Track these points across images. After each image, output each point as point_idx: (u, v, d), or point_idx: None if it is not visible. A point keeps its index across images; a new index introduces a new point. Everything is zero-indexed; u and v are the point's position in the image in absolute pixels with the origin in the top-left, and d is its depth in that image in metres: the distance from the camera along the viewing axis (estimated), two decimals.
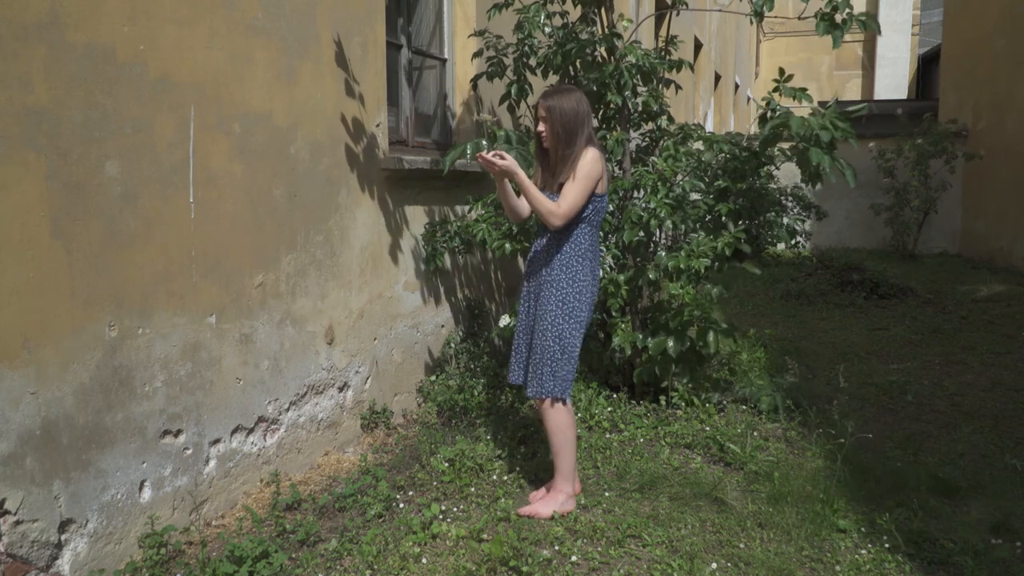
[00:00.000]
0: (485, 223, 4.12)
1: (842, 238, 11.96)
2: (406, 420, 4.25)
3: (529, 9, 4.10)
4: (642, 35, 8.97)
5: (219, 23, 2.92)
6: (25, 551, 2.28)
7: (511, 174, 2.91)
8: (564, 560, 2.71)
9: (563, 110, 2.95)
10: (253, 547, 2.62)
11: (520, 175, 2.90)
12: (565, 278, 3.01)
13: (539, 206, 2.93)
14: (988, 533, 2.88)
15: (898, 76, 20.64)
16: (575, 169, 2.94)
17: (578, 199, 2.93)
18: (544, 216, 2.94)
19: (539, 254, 3.11)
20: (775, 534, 2.88)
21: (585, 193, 2.94)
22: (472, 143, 3.50)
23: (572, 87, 3.10)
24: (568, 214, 2.93)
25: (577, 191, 2.93)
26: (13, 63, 2.20)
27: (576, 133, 2.97)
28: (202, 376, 2.93)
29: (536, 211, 2.97)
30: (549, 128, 2.99)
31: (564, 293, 3.01)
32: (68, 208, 2.37)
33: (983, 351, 5.69)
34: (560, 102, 2.97)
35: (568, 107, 2.96)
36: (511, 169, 2.89)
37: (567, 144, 2.96)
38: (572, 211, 2.93)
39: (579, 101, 3.00)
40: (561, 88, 3.05)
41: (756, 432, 3.92)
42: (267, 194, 3.22)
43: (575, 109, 2.97)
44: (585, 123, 3.00)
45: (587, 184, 2.94)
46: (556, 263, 3.03)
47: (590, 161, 2.94)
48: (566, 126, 2.95)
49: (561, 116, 2.95)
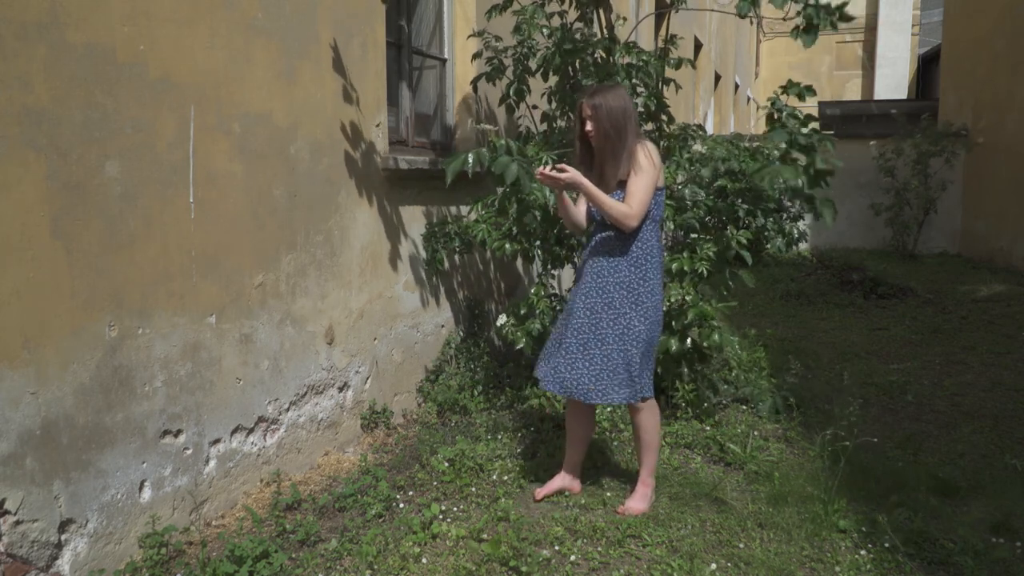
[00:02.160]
0: (485, 223, 4.12)
1: (842, 238, 11.96)
2: (406, 420, 4.25)
3: (527, 10, 4.10)
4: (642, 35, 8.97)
5: (219, 23, 2.92)
6: (25, 551, 2.28)
7: (576, 185, 2.82)
8: (564, 560, 2.71)
9: (610, 107, 2.87)
10: (253, 547, 2.62)
11: (586, 184, 2.82)
12: (636, 278, 2.93)
13: (612, 211, 2.84)
14: (988, 533, 2.88)
15: (898, 76, 20.64)
16: (634, 164, 2.86)
17: (647, 194, 2.86)
18: (619, 220, 2.85)
19: (600, 256, 2.99)
20: (775, 534, 2.88)
21: (651, 187, 2.87)
22: (473, 152, 3.46)
23: (615, 83, 3.02)
24: (641, 212, 2.86)
25: (643, 186, 2.85)
26: (13, 63, 2.20)
27: (626, 129, 2.89)
28: (202, 376, 2.93)
29: (609, 217, 2.87)
30: (596, 127, 2.90)
31: (637, 294, 2.93)
32: (68, 208, 2.37)
33: (983, 351, 5.68)
34: (606, 99, 2.88)
35: (615, 104, 2.88)
36: (576, 180, 2.80)
37: (618, 141, 2.88)
38: (644, 208, 2.86)
39: (624, 97, 2.93)
40: (604, 86, 2.98)
41: (756, 432, 3.92)
42: (267, 194, 3.22)
43: (622, 105, 2.90)
44: (633, 118, 2.93)
45: (651, 177, 2.86)
46: (624, 264, 2.94)
47: (650, 153, 2.89)
48: (615, 123, 2.88)
49: (609, 113, 2.87)
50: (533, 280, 5.72)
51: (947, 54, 12.35)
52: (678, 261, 3.84)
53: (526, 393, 4.37)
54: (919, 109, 11.69)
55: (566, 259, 4.42)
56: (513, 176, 3.31)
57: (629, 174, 2.88)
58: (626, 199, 2.88)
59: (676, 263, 3.85)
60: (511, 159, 3.34)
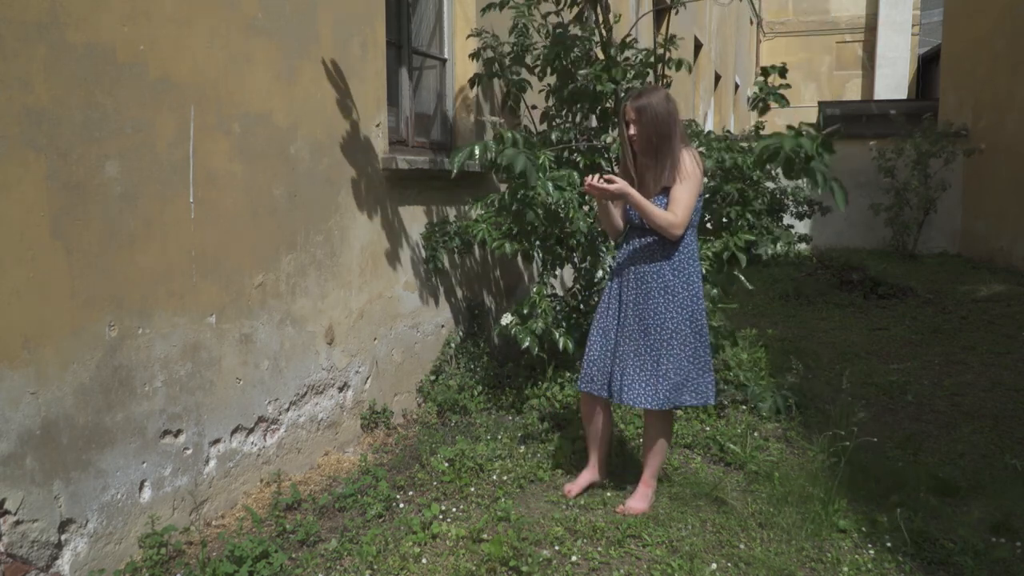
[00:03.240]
0: (485, 223, 4.11)
1: (842, 238, 11.96)
2: (406, 420, 4.25)
3: (522, 7, 4.10)
4: (641, 35, 8.97)
5: (219, 23, 2.92)
6: (25, 551, 2.28)
7: (624, 196, 2.80)
8: (564, 560, 2.71)
9: (655, 111, 2.83)
10: (253, 547, 2.62)
11: (634, 195, 2.80)
12: (679, 283, 2.92)
13: (659, 220, 2.82)
14: (988, 533, 2.88)
15: (898, 76, 20.63)
16: (678, 172, 2.84)
17: (691, 203, 2.84)
18: (666, 229, 2.83)
19: (643, 262, 2.95)
20: (775, 534, 2.88)
21: (696, 194, 2.86)
22: (480, 144, 3.45)
23: (658, 87, 2.96)
24: (686, 221, 2.84)
25: (689, 195, 2.83)
26: (13, 63, 2.20)
27: (671, 135, 2.85)
28: (202, 376, 2.93)
29: (655, 226, 2.84)
30: (640, 131, 2.86)
31: (681, 299, 2.92)
32: (68, 208, 2.37)
33: (983, 351, 5.68)
34: (650, 101, 2.84)
35: (660, 108, 2.84)
36: (624, 191, 2.78)
37: (663, 146, 2.84)
38: (689, 215, 2.84)
39: (669, 99, 2.89)
40: (648, 88, 2.93)
41: (756, 432, 3.92)
42: (267, 194, 3.22)
43: (667, 109, 2.85)
44: (678, 122, 2.89)
45: (695, 186, 2.85)
46: (667, 269, 2.92)
47: (693, 161, 2.86)
48: (659, 127, 2.84)
49: (655, 118, 2.83)
50: (533, 279, 5.72)
51: (947, 54, 12.35)
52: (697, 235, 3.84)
53: (526, 393, 4.37)
54: (919, 109, 11.70)
55: (566, 259, 4.42)
56: (521, 167, 3.31)
57: (673, 180, 2.85)
58: (671, 207, 2.85)
59: None
60: (518, 151, 3.34)
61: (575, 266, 4.61)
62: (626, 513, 3.03)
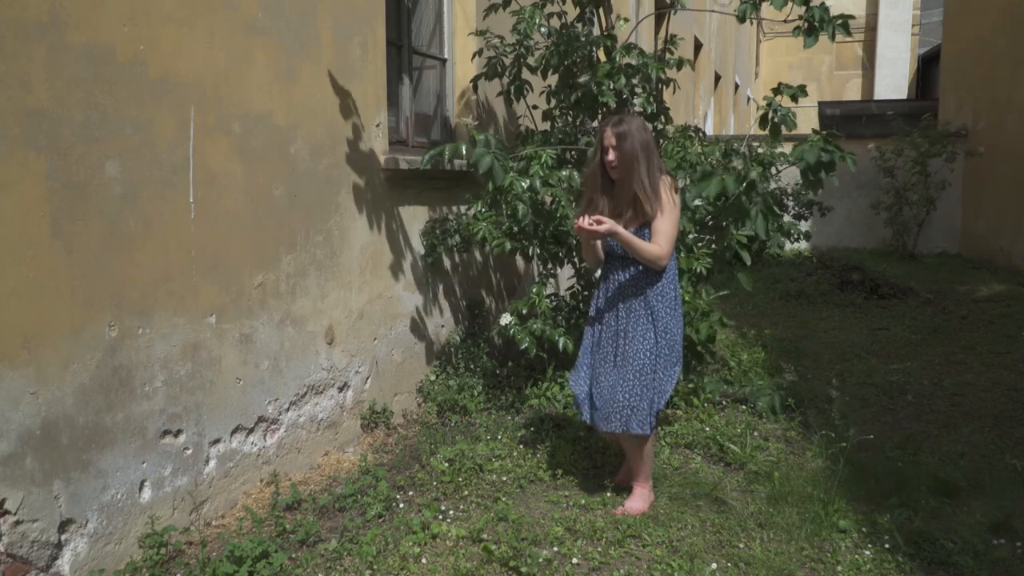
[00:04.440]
0: (485, 221, 4.11)
1: (842, 238, 11.96)
2: (406, 420, 4.25)
3: (525, 11, 4.10)
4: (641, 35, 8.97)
5: (219, 23, 2.92)
6: (25, 551, 2.28)
7: (614, 234, 2.85)
8: (564, 560, 2.71)
9: (636, 139, 2.87)
10: (253, 547, 2.62)
11: (622, 233, 2.84)
12: (663, 307, 2.98)
13: (646, 254, 2.88)
14: (988, 533, 2.88)
15: (898, 76, 20.64)
16: (660, 203, 2.89)
17: (674, 234, 2.92)
18: (652, 262, 2.90)
19: (626, 290, 3.01)
20: (775, 534, 2.88)
21: (676, 226, 2.94)
22: (451, 145, 3.65)
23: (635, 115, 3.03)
24: (670, 251, 2.92)
25: (671, 227, 2.91)
26: (13, 63, 2.20)
27: (653, 162, 2.91)
28: (202, 376, 2.93)
29: (643, 260, 2.90)
30: (620, 157, 2.89)
31: (664, 323, 2.98)
32: (68, 208, 2.37)
33: (983, 351, 5.68)
34: (630, 128, 2.89)
35: (640, 135, 2.89)
36: (613, 230, 2.83)
37: (643, 175, 2.88)
38: (672, 246, 2.92)
39: (646, 128, 2.95)
40: (626, 116, 2.99)
41: (756, 432, 3.92)
42: (267, 194, 3.22)
43: (645, 137, 2.90)
44: (656, 150, 2.96)
45: (676, 216, 2.93)
46: (652, 295, 2.97)
47: (670, 190, 2.92)
48: (638, 156, 2.87)
49: (634, 146, 2.87)
50: (533, 279, 5.72)
51: (947, 54, 12.34)
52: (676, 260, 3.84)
53: (526, 393, 4.37)
54: (919, 109, 11.68)
55: (565, 258, 4.42)
56: (486, 166, 3.56)
57: (655, 212, 2.89)
58: (655, 239, 2.90)
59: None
60: (486, 151, 3.58)
61: (575, 266, 4.61)
62: (625, 514, 3.03)
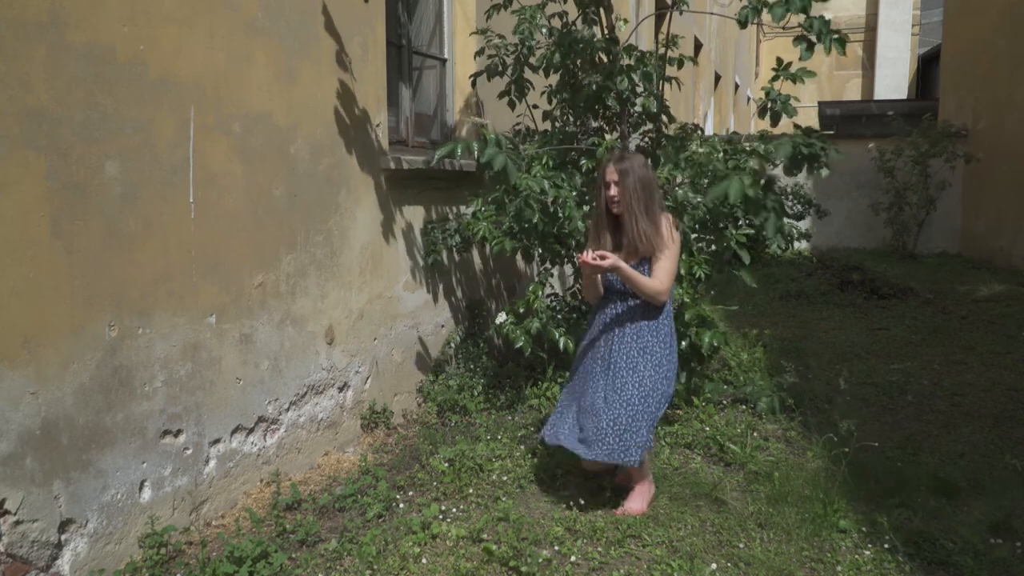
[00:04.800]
0: (485, 221, 4.10)
1: (842, 238, 11.96)
2: (406, 420, 4.25)
3: (527, 11, 4.10)
4: (642, 35, 8.97)
5: (219, 23, 2.92)
6: (25, 551, 2.28)
7: (616, 270, 2.88)
8: (564, 560, 2.71)
9: (638, 175, 2.92)
10: (253, 547, 2.62)
11: (624, 268, 2.88)
12: (657, 342, 3.02)
13: (647, 290, 2.92)
14: (988, 533, 2.88)
15: (898, 76, 20.64)
16: (661, 239, 2.94)
17: (674, 271, 2.98)
18: (653, 298, 2.95)
19: (624, 324, 3.04)
20: (775, 534, 2.88)
21: (676, 263, 2.99)
22: (463, 143, 3.57)
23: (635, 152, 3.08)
24: (670, 288, 2.97)
25: (671, 264, 2.96)
26: (13, 63, 2.20)
27: (654, 199, 2.96)
28: (202, 376, 2.93)
29: (644, 295, 2.95)
30: (622, 193, 2.93)
31: (658, 358, 3.01)
32: (68, 208, 2.37)
33: (983, 351, 5.68)
34: (632, 165, 2.94)
35: (642, 172, 2.94)
36: (616, 265, 2.86)
37: (644, 211, 2.93)
38: (672, 284, 2.97)
39: (647, 165, 3.00)
40: (627, 153, 3.05)
41: (756, 432, 3.92)
42: (267, 194, 3.22)
43: (647, 174, 2.95)
44: (657, 187, 3.01)
45: (676, 254, 2.99)
46: (647, 330, 3.02)
47: (671, 228, 2.97)
48: (640, 192, 2.92)
49: (639, 181, 2.92)
50: (533, 279, 5.72)
51: (947, 54, 12.34)
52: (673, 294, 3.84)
53: (526, 393, 4.37)
54: (919, 109, 11.68)
55: (566, 257, 4.42)
56: (500, 165, 3.45)
57: (655, 249, 2.94)
58: (655, 275, 2.95)
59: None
60: (499, 150, 3.47)
61: (575, 265, 4.61)
62: (625, 514, 3.03)
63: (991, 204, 10.29)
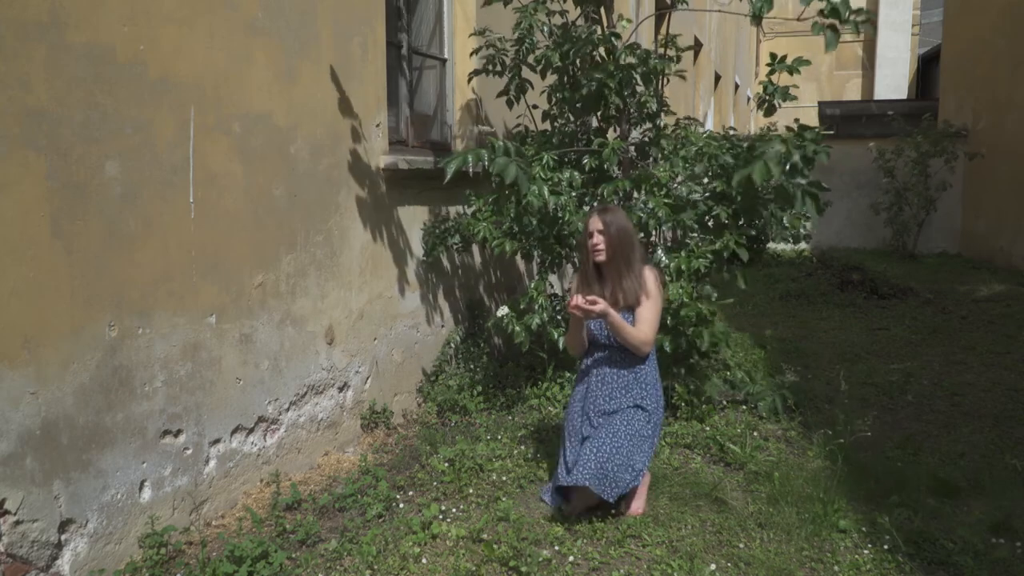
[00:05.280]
0: (486, 221, 4.10)
1: (842, 238, 11.96)
2: (406, 420, 4.25)
3: (528, 8, 4.10)
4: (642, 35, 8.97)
5: (219, 23, 2.92)
6: (25, 551, 2.28)
7: (605, 316, 2.91)
8: (564, 560, 2.71)
9: (621, 226, 2.99)
10: (253, 547, 2.62)
11: (613, 315, 2.91)
12: (643, 392, 3.04)
13: (632, 339, 2.95)
14: (988, 533, 2.88)
15: (898, 76, 20.64)
16: (644, 290, 2.98)
17: (657, 321, 3.00)
18: (638, 348, 2.97)
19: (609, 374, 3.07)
20: (775, 534, 2.88)
21: (659, 313, 3.02)
22: (473, 152, 3.47)
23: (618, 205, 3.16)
24: (654, 337, 3.00)
25: (654, 314, 2.99)
26: (13, 63, 2.20)
27: (635, 249, 3.01)
28: (202, 376, 2.93)
29: (628, 344, 2.97)
30: (607, 242, 2.98)
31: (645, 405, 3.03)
32: (68, 208, 2.37)
33: (983, 351, 5.68)
34: (616, 216, 3.00)
35: (624, 224, 3.00)
36: (606, 311, 2.89)
37: (628, 261, 2.98)
38: (655, 333, 3.00)
39: (628, 218, 3.07)
40: (611, 205, 3.11)
41: (756, 432, 3.92)
42: (267, 194, 3.22)
43: (628, 227, 3.01)
44: (637, 238, 3.06)
45: (659, 303, 3.01)
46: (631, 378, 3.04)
47: (655, 279, 3.01)
48: (624, 242, 2.98)
49: (620, 232, 2.98)
50: (533, 279, 5.72)
51: (947, 54, 12.34)
52: (676, 260, 3.84)
53: (526, 393, 4.37)
54: (919, 109, 11.69)
55: (566, 258, 4.42)
56: (512, 176, 3.33)
57: (639, 299, 2.98)
58: (639, 326, 2.98)
59: (674, 262, 3.85)
60: (509, 160, 3.35)
61: (575, 266, 4.61)
62: (625, 514, 3.03)
63: (991, 204, 10.29)
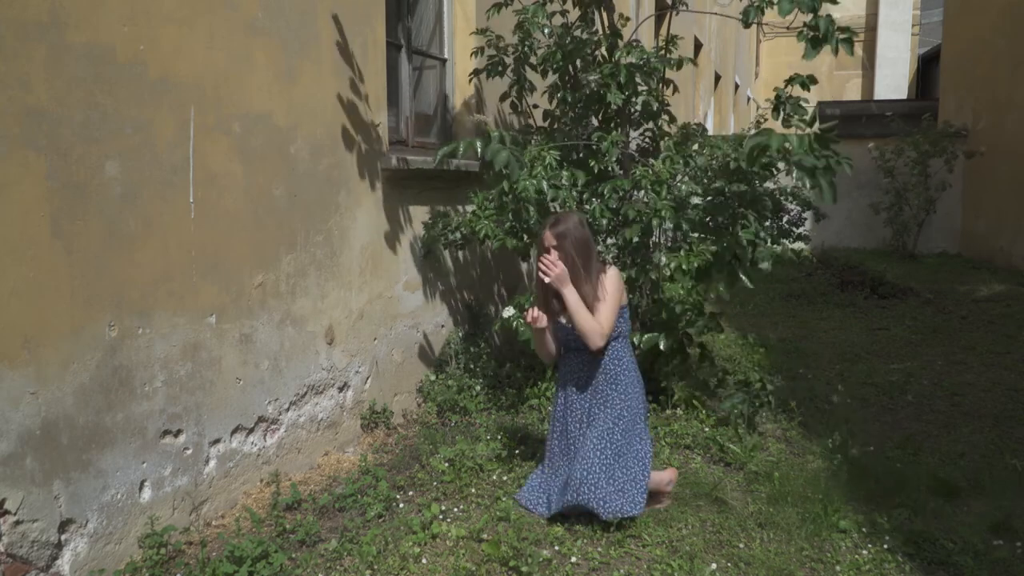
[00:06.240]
0: (487, 219, 4.10)
1: (842, 238, 11.96)
2: (406, 420, 4.25)
3: (528, 10, 4.10)
4: (642, 35, 8.97)
5: (219, 23, 2.92)
6: (25, 551, 2.28)
7: (561, 285, 2.89)
8: (564, 560, 2.71)
9: (575, 236, 2.97)
10: (253, 547, 2.62)
11: (569, 289, 2.90)
12: (616, 395, 3.03)
13: (585, 324, 2.93)
14: (988, 533, 2.88)
15: (898, 76, 20.62)
16: (603, 288, 2.97)
17: (612, 317, 2.98)
18: (588, 334, 2.94)
19: (580, 378, 3.09)
20: (775, 534, 2.88)
21: (616, 310, 3.00)
22: (466, 141, 3.55)
23: (570, 212, 3.16)
24: (609, 331, 2.97)
25: (610, 311, 2.98)
26: (13, 63, 2.20)
27: (592, 255, 3.00)
28: (202, 376, 2.93)
29: (580, 329, 2.95)
30: (562, 256, 2.97)
31: (618, 410, 3.02)
32: (68, 208, 2.37)
33: (983, 351, 5.68)
34: (568, 227, 2.98)
35: (579, 232, 2.98)
36: (562, 279, 2.88)
37: (585, 268, 2.97)
38: (611, 327, 2.98)
39: (583, 224, 3.05)
40: (561, 215, 3.08)
41: (756, 432, 3.92)
42: (267, 194, 3.22)
43: (584, 234, 3.00)
44: (593, 244, 3.05)
45: (617, 301, 3.00)
46: (602, 382, 3.04)
47: (615, 278, 3.01)
48: (581, 250, 2.97)
49: (575, 242, 2.96)
50: (534, 279, 5.72)
51: (947, 54, 12.35)
52: (675, 259, 3.84)
53: (526, 393, 4.37)
54: (919, 109, 11.69)
55: None
56: (503, 162, 3.41)
57: (596, 299, 2.98)
58: (596, 316, 2.97)
59: (674, 261, 3.84)
60: (502, 147, 3.44)
61: None
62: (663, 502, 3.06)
63: (991, 204, 10.29)
